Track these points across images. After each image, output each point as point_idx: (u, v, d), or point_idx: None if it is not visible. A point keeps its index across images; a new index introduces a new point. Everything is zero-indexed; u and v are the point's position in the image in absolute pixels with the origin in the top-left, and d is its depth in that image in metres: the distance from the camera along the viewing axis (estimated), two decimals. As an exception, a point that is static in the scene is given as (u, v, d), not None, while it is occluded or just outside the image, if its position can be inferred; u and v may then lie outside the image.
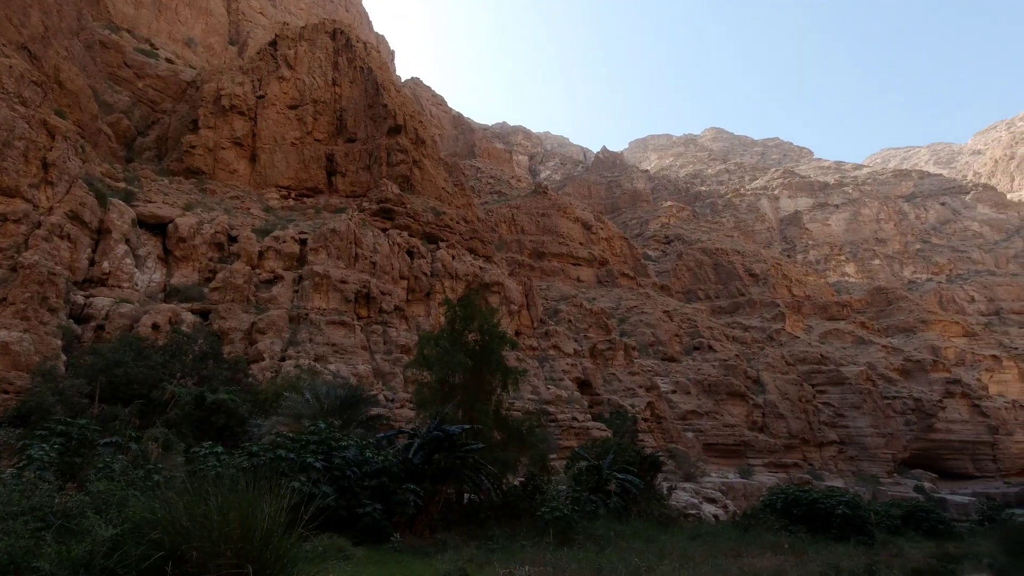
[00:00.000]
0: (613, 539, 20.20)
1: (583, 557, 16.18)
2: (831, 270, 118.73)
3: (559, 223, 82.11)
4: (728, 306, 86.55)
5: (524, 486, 22.82)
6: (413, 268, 42.22)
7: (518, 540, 18.40)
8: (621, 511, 24.49)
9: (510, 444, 23.06)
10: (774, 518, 28.09)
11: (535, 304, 50.07)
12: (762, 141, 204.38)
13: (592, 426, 38.29)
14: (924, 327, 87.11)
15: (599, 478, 25.07)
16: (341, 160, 50.92)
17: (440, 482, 19.27)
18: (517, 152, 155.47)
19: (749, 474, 49.39)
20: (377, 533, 16.21)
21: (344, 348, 34.39)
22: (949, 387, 71.04)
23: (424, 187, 50.10)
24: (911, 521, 35.46)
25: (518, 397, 33.18)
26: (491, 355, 23.29)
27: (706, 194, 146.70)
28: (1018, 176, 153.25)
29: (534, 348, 46.78)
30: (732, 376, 62.22)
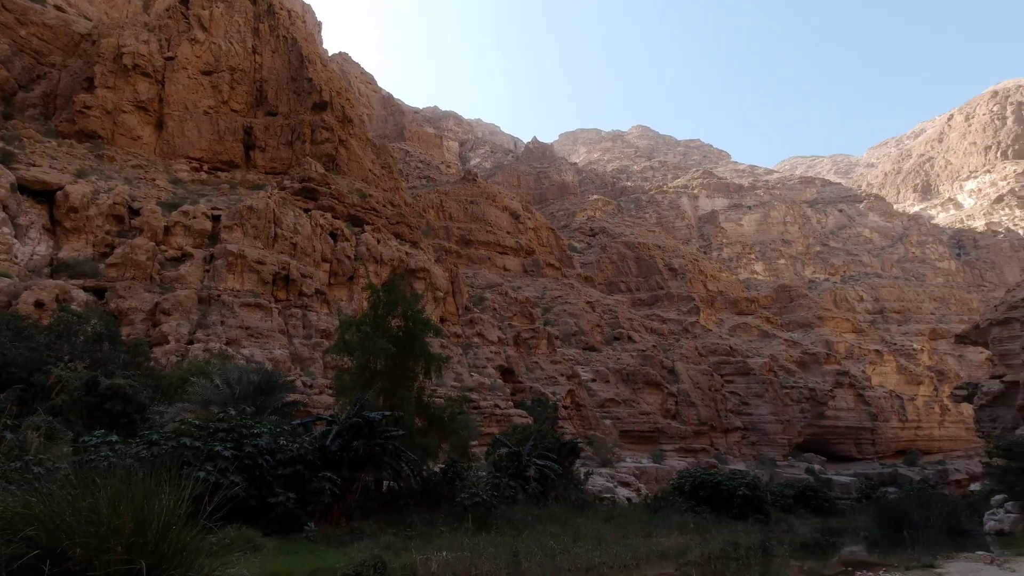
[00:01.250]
0: (531, 523, 20.62)
1: (501, 541, 16.39)
2: (742, 268, 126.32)
3: (487, 211, 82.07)
4: (648, 299, 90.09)
5: (444, 472, 22.78)
6: (336, 251, 40.82)
7: (437, 526, 18.38)
8: (539, 496, 25.02)
9: (431, 431, 22.94)
10: (682, 500, 29.71)
11: (461, 291, 49.91)
12: (685, 142, 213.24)
13: (514, 413, 38.80)
14: (820, 323, 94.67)
15: (519, 464, 25.45)
16: (260, 134, 48.21)
17: (358, 469, 18.86)
18: (448, 138, 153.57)
19: (661, 459, 51.90)
20: (290, 523, 15.68)
21: (260, 332, 32.79)
22: (839, 378, 77.77)
23: (350, 168, 48.44)
24: (802, 500, 38.65)
25: (441, 384, 33.01)
26: (414, 341, 22.99)
27: (631, 189, 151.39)
28: (903, 189, 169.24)
29: (458, 335, 46.68)
30: (649, 366, 64.95)
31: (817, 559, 20.54)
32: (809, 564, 18.74)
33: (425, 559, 13.50)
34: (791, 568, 17.98)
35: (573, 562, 15.20)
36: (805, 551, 22.95)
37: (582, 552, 16.65)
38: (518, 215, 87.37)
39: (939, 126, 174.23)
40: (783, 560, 19.43)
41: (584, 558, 15.91)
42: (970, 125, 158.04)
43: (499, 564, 13.51)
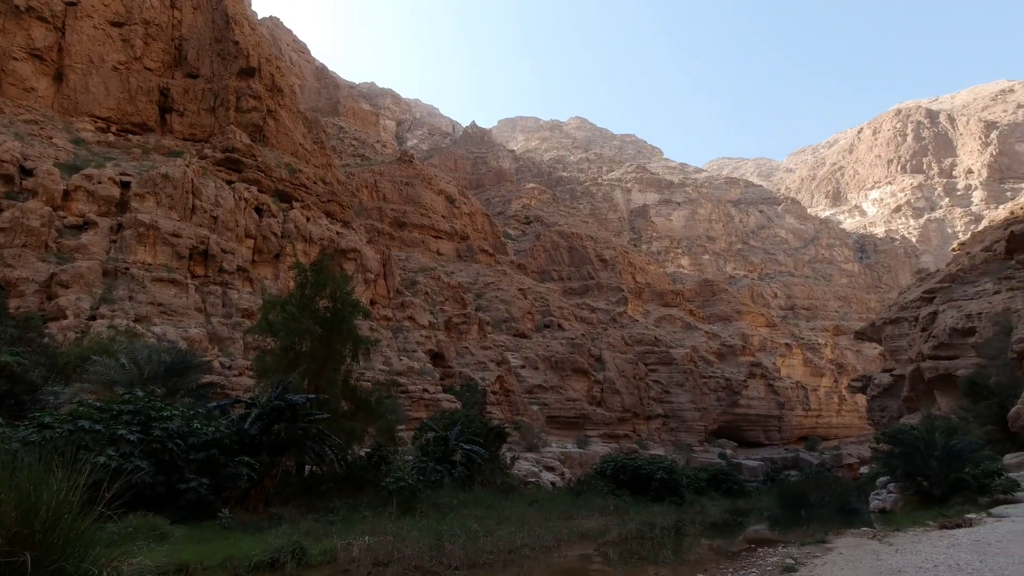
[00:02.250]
0: (456, 507, 20.67)
1: (425, 525, 16.32)
2: (669, 261, 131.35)
3: (423, 194, 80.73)
4: (579, 288, 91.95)
5: (370, 457, 22.40)
6: (262, 227, 38.87)
7: (361, 511, 18.08)
8: (466, 480, 25.13)
9: (358, 414, 22.45)
10: (604, 483, 30.72)
11: (392, 274, 48.95)
12: (621, 136, 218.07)
13: (443, 398, 38.65)
14: (738, 317, 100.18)
15: (446, 448, 25.43)
16: (179, 97, 44.86)
17: (279, 454, 18.19)
18: (384, 116, 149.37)
19: (586, 444, 53.42)
20: (203, 510, 14.92)
21: (174, 309, 30.79)
22: (752, 369, 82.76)
23: (279, 140, 46.12)
24: (714, 483, 40.99)
25: (369, 367, 32.34)
26: (343, 323, 22.33)
27: (567, 180, 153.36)
28: (817, 194, 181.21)
29: (389, 318, 45.84)
30: (577, 354, 66.47)
31: (725, 537, 21.81)
32: (718, 542, 19.86)
33: (346, 544, 13.23)
34: (701, 546, 18.99)
35: (496, 544, 15.35)
36: (715, 530, 24.32)
37: (505, 535, 16.85)
38: (454, 199, 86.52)
39: (850, 138, 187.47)
40: (694, 539, 20.50)
41: (507, 540, 16.11)
42: (876, 139, 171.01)
43: (422, 548, 13.44)
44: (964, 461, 20.88)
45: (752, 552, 15.62)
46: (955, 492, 20.19)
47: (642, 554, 16.56)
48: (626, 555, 16.62)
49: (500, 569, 13.53)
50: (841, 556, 12.93)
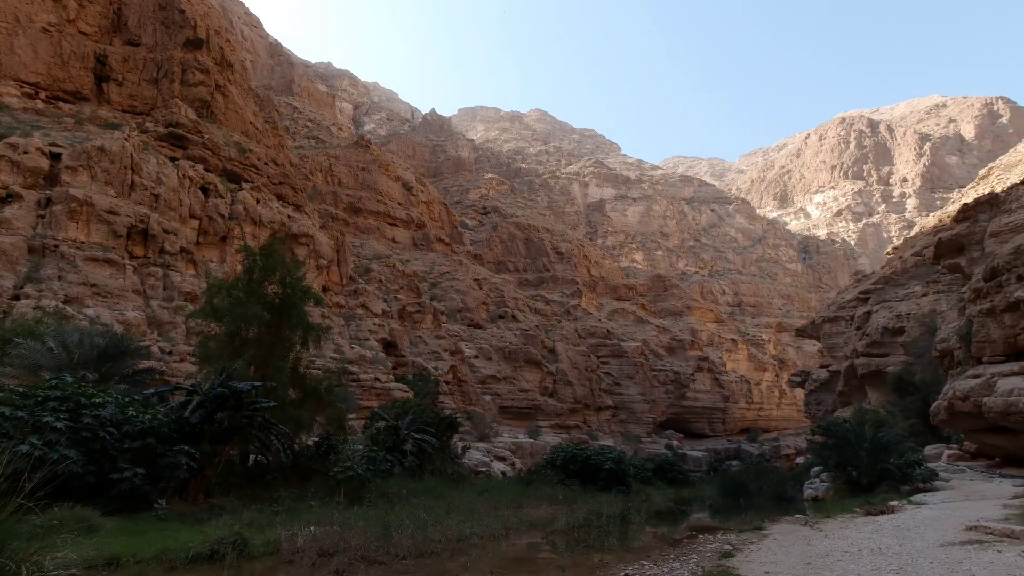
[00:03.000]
0: (406, 496, 20.55)
1: (373, 515, 16.15)
2: (624, 256, 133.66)
3: (379, 180, 79.23)
4: (534, 279, 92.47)
5: (318, 446, 21.96)
6: (208, 208, 37.26)
7: (307, 501, 17.73)
8: (416, 469, 25.00)
9: (306, 403, 21.94)
10: (554, 473, 31.14)
11: (346, 261, 47.92)
12: (580, 130, 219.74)
13: (395, 387, 38.23)
14: (688, 312, 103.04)
15: (397, 438, 25.21)
16: (117, 65, 42.22)
17: (222, 443, 17.59)
18: (341, 99, 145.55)
19: (537, 434, 53.98)
20: (138, 501, 14.30)
21: (109, 290, 29.21)
22: (700, 363, 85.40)
23: (228, 118, 44.23)
24: (660, 472, 42.14)
25: (319, 355, 31.63)
26: (292, 310, 21.71)
27: (525, 171, 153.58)
28: (765, 196, 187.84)
29: (341, 306, 44.91)
30: (531, 345, 66.93)
31: (669, 525, 22.47)
32: (662, 530, 20.44)
33: (291, 534, 12.93)
34: (646, 534, 19.49)
35: (445, 533, 15.33)
36: (659, 518, 25.02)
37: (454, 524, 16.85)
38: (411, 187, 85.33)
39: (798, 143, 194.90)
40: (639, 527, 21.03)
41: (456, 529, 16.12)
42: (822, 145, 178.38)
43: (369, 537, 13.28)
44: (890, 452, 22.16)
45: (694, 539, 16.15)
46: (881, 481, 21.42)
47: (588, 542, 16.86)
48: (573, 543, 16.89)
49: (448, 558, 13.52)
50: (775, 542, 13.52)
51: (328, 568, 11.30)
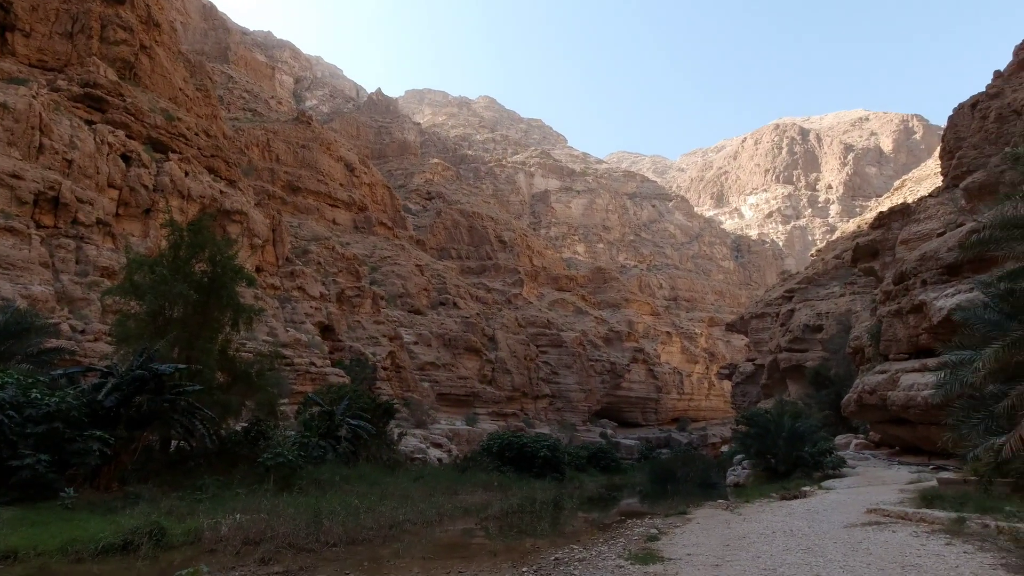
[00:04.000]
0: (338, 483, 20.16)
1: (303, 502, 15.74)
2: (566, 247, 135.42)
3: (320, 159, 76.50)
4: (476, 267, 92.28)
5: (247, 432, 21.17)
6: (129, 177, 34.82)
7: (233, 488, 17.07)
8: (350, 456, 24.56)
9: (235, 387, 21.06)
10: (490, 460, 31.36)
11: (283, 241, 46.15)
12: (527, 120, 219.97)
13: (330, 372, 37.31)
14: (626, 304, 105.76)
15: (331, 424, 24.65)
16: (24, 14, 38.28)
17: (140, 428, 16.65)
18: (281, 71, 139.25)
19: (475, 422, 54.17)
20: (41, 489, 13.34)
21: (11, 262, 26.88)
22: (635, 354, 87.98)
23: (154, 82, 41.39)
24: (593, 460, 43.27)
25: (251, 338, 30.40)
26: (223, 290, 20.72)
27: (471, 158, 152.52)
28: (703, 195, 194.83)
29: (276, 287, 43.28)
30: (471, 333, 66.90)
31: (600, 510, 23.13)
32: (593, 515, 21.01)
33: (214, 523, 12.42)
34: (578, 519, 19.97)
35: (377, 520, 15.15)
36: (591, 504, 25.71)
37: (387, 510, 16.68)
38: (354, 168, 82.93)
39: (736, 145, 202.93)
40: (571, 512, 21.53)
41: (389, 516, 15.96)
42: (757, 149, 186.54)
43: (299, 525, 12.94)
44: (805, 441, 23.63)
45: (623, 524, 16.69)
46: (796, 468, 22.84)
47: (521, 527, 17.10)
48: (506, 528, 17.09)
49: (380, 544, 13.37)
50: (698, 525, 14.18)
51: (253, 557, 10.93)
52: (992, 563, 7.96)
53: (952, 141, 38.73)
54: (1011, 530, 8.94)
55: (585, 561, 10.78)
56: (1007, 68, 36.95)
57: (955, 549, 8.89)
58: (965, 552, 8.67)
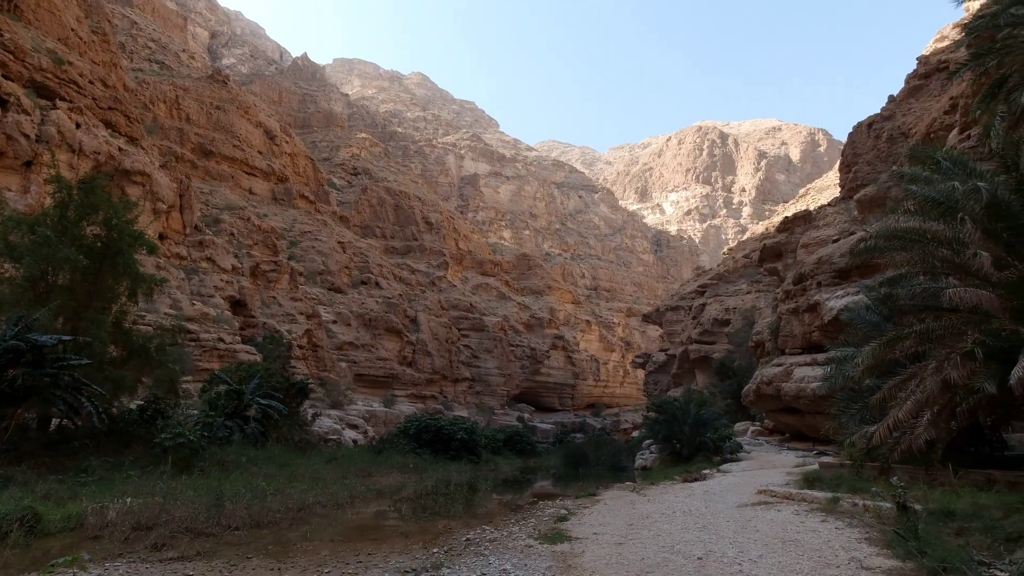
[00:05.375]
0: (244, 465, 19.33)
1: (204, 484, 14.94)
2: (492, 232, 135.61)
3: (237, 123, 71.73)
4: (401, 247, 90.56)
5: (143, 410, 19.75)
6: (6, 124, 30.98)
7: (125, 470, 15.93)
8: (259, 437, 23.58)
9: (131, 362, 19.52)
10: (406, 442, 31.15)
11: (191, 208, 43.05)
12: (460, 101, 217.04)
13: (241, 349, 35.45)
14: (549, 292, 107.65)
15: (239, 403, 23.50)
16: None
17: (14, 404, 15.10)
18: (195, 23, 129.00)
19: (393, 403, 53.46)
20: None
21: None
22: (555, 341, 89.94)
23: (39, 18, 36.93)
24: (509, 443, 43.99)
25: (152, 310, 28.26)
26: (118, 256, 19.05)
27: (401, 136, 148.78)
28: (628, 189, 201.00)
29: (183, 257, 40.40)
30: (393, 313, 65.73)
31: (514, 493, 23.58)
32: (507, 497, 21.39)
33: (100, 507, 11.51)
34: (492, 501, 20.26)
35: (285, 502, 14.66)
36: (506, 486, 26.16)
37: (296, 492, 16.19)
38: (274, 135, 78.53)
39: (661, 143, 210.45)
40: (486, 494, 21.81)
41: (297, 498, 15.50)
42: (680, 148, 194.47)
43: (198, 508, 12.26)
44: (708, 428, 25.16)
45: (535, 505, 17.10)
46: (698, 452, 24.30)
47: (435, 509, 17.13)
48: (420, 510, 17.06)
49: (288, 527, 12.95)
50: (606, 506, 14.77)
51: (145, 543, 10.24)
52: (858, 537, 8.84)
53: (850, 156, 42.12)
54: (875, 508, 9.95)
55: (496, 541, 10.94)
56: (899, 94, 40.59)
57: (828, 525, 9.79)
58: (836, 528, 9.57)
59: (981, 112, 17.98)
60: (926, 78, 38.09)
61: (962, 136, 22.94)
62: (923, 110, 35.36)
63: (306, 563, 9.59)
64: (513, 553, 9.72)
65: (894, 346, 11.44)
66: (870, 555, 7.81)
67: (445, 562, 9.26)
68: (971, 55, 18.75)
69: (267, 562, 9.59)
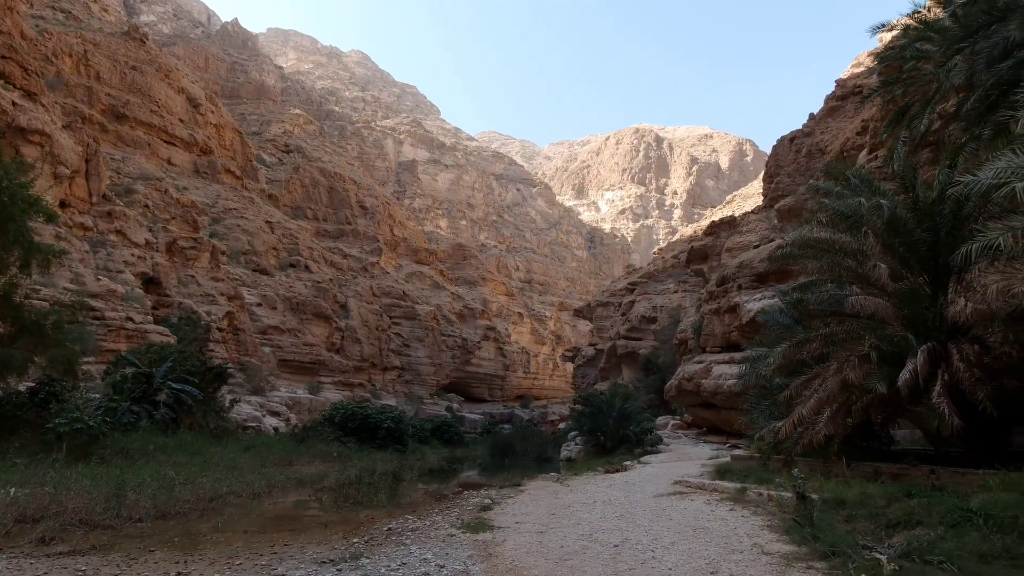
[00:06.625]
0: (152, 453, 18.22)
1: (104, 473, 13.95)
2: (428, 220, 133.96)
3: (156, 87, 66.72)
4: (334, 231, 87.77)
5: (34, 393, 18.17)
6: None
7: (10, 458, 14.59)
8: (170, 423, 22.28)
9: (21, 340, 17.85)
10: (331, 430, 30.35)
11: (99, 174, 39.80)
12: (401, 84, 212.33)
13: (152, 330, 33.22)
14: (483, 283, 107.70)
15: (148, 387, 22.08)
16: None
17: None
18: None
19: (318, 391, 51.84)
20: None
21: None
22: (487, 332, 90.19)
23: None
24: (437, 433, 43.80)
25: (49, 284, 25.94)
26: (9, 223, 17.33)
27: (338, 115, 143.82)
28: (566, 185, 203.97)
29: (87, 228, 37.32)
30: (322, 298, 63.67)
31: (440, 482, 23.49)
32: (433, 487, 21.27)
33: (-24, 498, 10.49)
34: (417, 491, 20.10)
35: (195, 492, 13.92)
36: (432, 476, 26.03)
37: (209, 482, 15.41)
38: (198, 104, 73.76)
39: (600, 142, 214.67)
40: (411, 484, 21.61)
41: (210, 488, 14.75)
42: (618, 149, 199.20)
43: (95, 499, 11.41)
44: (631, 421, 26.03)
45: (460, 495, 17.12)
46: (621, 444, 25.11)
47: (357, 499, 16.81)
48: (342, 500, 16.70)
49: (197, 519, 12.32)
50: (529, 496, 15.01)
51: (31, 536, 9.42)
52: (761, 525, 9.44)
53: (773, 167, 44.64)
54: (777, 497, 10.66)
55: (418, 531, 10.87)
56: (819, 113, 43.38)
57: (736, 514, 10.39)
58: (743, 516, 10.17)
59: (887, 135, 19.53)
60: (843, 100, 40.88)
61: (871, 156, 24.82)
62: (839, 129, 37.96)
63: (216, 555, 9.14)
64: (435, 542, 9.69)
65: (802, 347, 12.26)
66: (771, 541, 8.35)
67: (365, 552, 9.10)
68: (881, 83, 20.33)
69: (172, 555, 9.06)
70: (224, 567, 8.44)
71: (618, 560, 7.86)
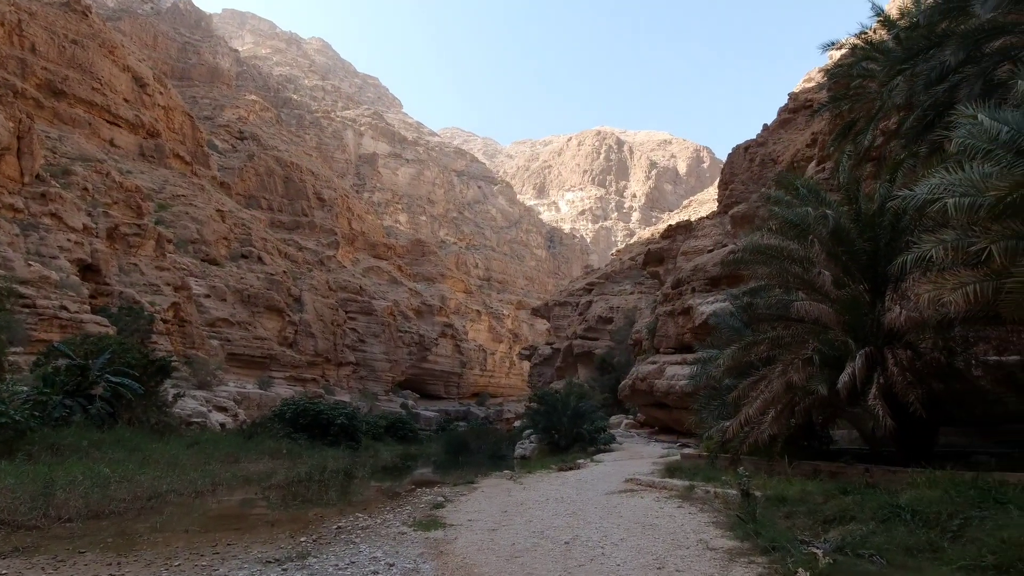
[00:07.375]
0: (86, 449, 17.31)
1: (32, 471, 13.16)
2: (387, 215, 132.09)
3: (99, 63, 63.23)
4: (289, 222, 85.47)
5: (-46, 385, 16.95)
6: None
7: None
8: (107, 418, 21.21)
9: (-58, 328, 16.66)
10: (281, 426, 29.56)
11: (32, 153, 37.52)
12: (363, 75, 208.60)
13: (89, 319, 31.57)
14: (441, 280, 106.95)
15: (83, 380, 20.97)
16: None
17: None
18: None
19: (269, 386, 50.39)
20: None
21: None
22: (445, 329, 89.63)
23: None
24: (391, 430, 43.27)
25: (-25, 268, 24.34)
26: (-66, 201, 16.13)
27: (296, 104, 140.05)
28: (527, 184, 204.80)
29: (18, 210, 35.15)
30: (275, 291, 61.92)
31: (393, 479, 23.24)
32: (386, 484, 21.02)
33: None
34: (369, 488, 19.81)
35: (132, 490, 13.32)
36: (385, 473, 25.70)
37: (148, 480, 14.77)
38: (145, 84, 70.39)
39: (562, 143, 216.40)
40: (363, 481, 21.28)
41: (149, 486, 14.15)
42: (579, 150, 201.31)
43: (19, 498, 10.76)
44: (585, 419, 26.36)
45: (413, 493, 16.96)
46: (575, 443, 25.40)
47: (307, 497, 16.46)
48: (290, 498, 16.32)
49: (134, 518, 11.79)
50: (483, 493, 15.00)
51: (-54, 538, 8.81)
52: (707, 521, 9.71)
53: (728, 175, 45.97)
54: (723, 495, 11.00)
55: (369, 529, 10.71)
56: (772, 124, 44.95)
57: (684, 511, 10.66)
58: (690, 513, 10.45)
59: (834, 148, 20.41)
60: (794, 112, 42.48)
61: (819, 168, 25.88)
62: (790, 140, 39.44)
63: (153, 556, 8.76)
64: (385, 540, 9.56)
65: (750, 350, 12.68)
66: (715, 537, 8.60)
67: (313, 551, 8.90)
68: (830, 98, 21.26)
69: (105, 556, 8.63)
70: (161, 568, 8.10)
71: (568, 557, 7.94)
